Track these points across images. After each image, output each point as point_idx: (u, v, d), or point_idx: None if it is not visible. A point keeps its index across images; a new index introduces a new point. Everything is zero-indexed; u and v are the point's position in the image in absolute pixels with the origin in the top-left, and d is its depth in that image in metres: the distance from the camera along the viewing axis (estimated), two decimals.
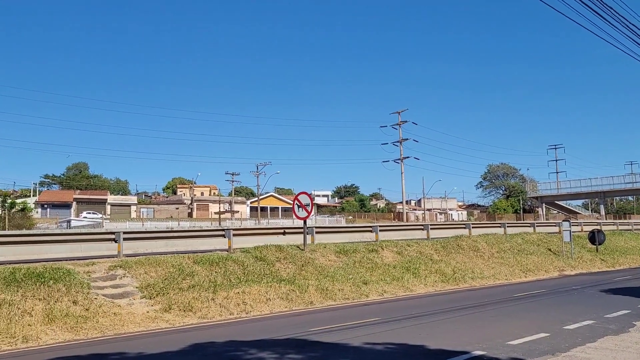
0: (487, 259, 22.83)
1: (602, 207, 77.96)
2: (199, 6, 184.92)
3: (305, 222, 18.76)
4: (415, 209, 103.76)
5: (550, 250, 27.32)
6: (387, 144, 59.16)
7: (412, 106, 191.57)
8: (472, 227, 27.78)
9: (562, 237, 27.55)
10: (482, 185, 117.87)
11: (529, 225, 33.56)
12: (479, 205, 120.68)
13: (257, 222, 65.99)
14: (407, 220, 63.02)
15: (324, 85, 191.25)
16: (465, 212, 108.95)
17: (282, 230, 20.28)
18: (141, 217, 77.09)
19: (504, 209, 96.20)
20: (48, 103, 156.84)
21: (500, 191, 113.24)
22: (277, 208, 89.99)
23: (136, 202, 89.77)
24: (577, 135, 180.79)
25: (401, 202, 68.73)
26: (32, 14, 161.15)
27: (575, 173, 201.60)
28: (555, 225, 33.92)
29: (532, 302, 14.58)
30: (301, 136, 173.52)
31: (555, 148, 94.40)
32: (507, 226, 30.30)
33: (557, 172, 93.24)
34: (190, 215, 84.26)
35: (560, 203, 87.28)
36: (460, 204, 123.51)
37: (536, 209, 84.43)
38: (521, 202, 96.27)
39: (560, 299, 15.26)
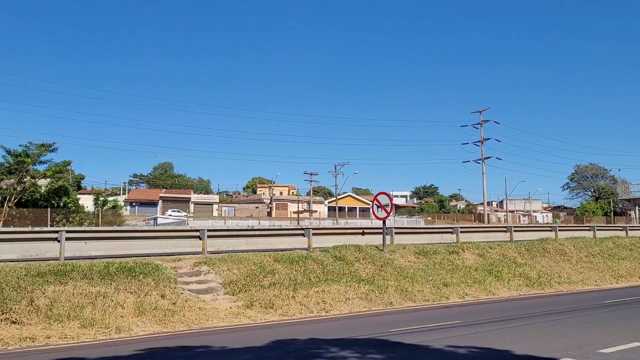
0: (574, 263, 21.82)
1: None
2: (280, 6, 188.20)
3: (384, 223, 18.65)
4: (496, 211, 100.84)
5: None
6: (467, 143, 57.86)
7: (494, 107, 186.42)
8: (559, 230, 26.61)
9: None
10: (569, 187, 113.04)
11: (621, 228, 31.74)
12: (565, 207, 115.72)
13: (335, 222, 66.31)
14: (488, 222, 61.38)
15: (404, 85, 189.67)
16: (550, 215, 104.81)
17: (360, 231, 20.24)
18: (222, 215, 79.39)
19: (593, 212, 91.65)
20: (136, 105, 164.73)
21: (589, 193, 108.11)
22: (355, 208, 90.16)
23: (218, 200, 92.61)
24: None
25: (482, 203, 66.97)
26: (116, 14, 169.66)
27: None
28: None
29: (624, 309, 13.80)
30: (380, 136, 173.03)
31: None
32: (597, 229, 28.81)
33: None
34: (269, 214, 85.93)
35: None
36: (545, 205, 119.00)
37: (628, 211, 79.70)
38: (612, 205, 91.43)
39: None
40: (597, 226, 30.18)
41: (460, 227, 23.14)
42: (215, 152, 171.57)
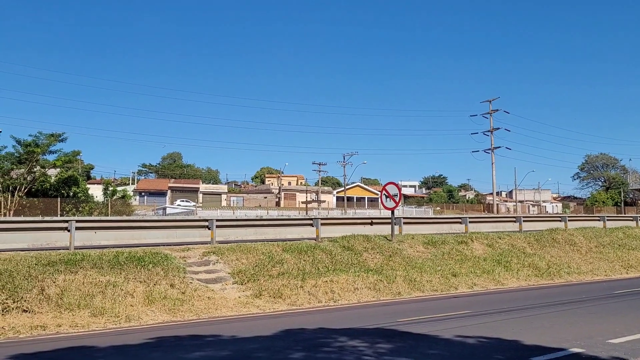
0: (584, 253, 21.72)
1: None
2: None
3: (392, 213, 18.62)
4: (506, 201, 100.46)
5: None
6: (477, 133, 57.48)
7: (503, 96, 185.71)
8: (569, 220, 26.48)
9: None
10: (579, 177, 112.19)
11: (632, 218, 31.53)
12: (575, 198, 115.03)
13: (343, 212, 66.29)
14: (497, 212, 61.11)
15: (413, 75, 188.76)
16: (560, 205, 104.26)
17: (369, 221, 20.22)
18: (231, 205, 79.59)
19: (603, 202, 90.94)
20: (144, 95, 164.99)
21: (599, 183, 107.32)
22: (363, 198, 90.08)
23: (226, 190, 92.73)
24: None
25: (491, 194, 66.70)
26: (124, 4, 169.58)
27: None
28: None
29: (634, 299, 13.74)
30: (388, 126, 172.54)
31: None
32: (607, 219, 28.63)
33: None
34: (277, 204, 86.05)
35: None
36: (554, 195, 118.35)
37: (639, 201, 79.31)
38: (622, 195, 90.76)
39: None
40: (607, 216, 29.98)
41: (469, 217, 23.08)
42: (224, 142, 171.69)
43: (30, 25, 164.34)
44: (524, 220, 24.79)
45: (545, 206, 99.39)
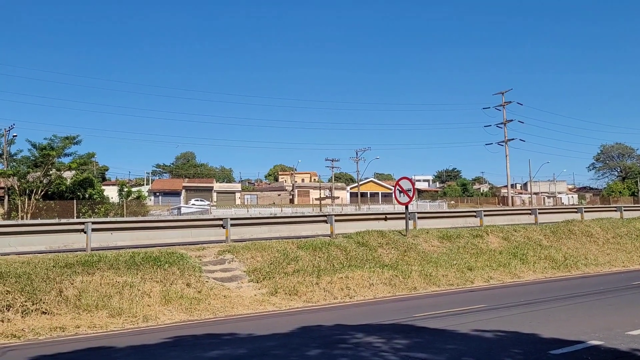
0: (601, 244, 21.51)
1: None
2: None
3: (407, 208, 18.57)
4: (521, 193, 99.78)
5: None
6: (490, 126, 57.05)
7: (516, 88, 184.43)
8: (585, 211, 26.23)
9: None
10: (595, 167, 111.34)
11: None
12: (591, 188, 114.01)
13: (357, 207, 66.24)
14: (512, 205, 60.75)
15: (424, 68, 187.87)
16: (576, 196, 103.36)
17: (383, 216, 20.19)
18: (245, 203, 79.86)
19: (620, 192, 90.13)
20: (156, 96, 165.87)
21: (615, 173, 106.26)
22: (377, 193, 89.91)
23: (240, 189, 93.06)
24: None
25: (506, 186, 66.19)
26: (137, 5, 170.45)
27: None
28: None
29: None
30: (401, 121, 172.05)
31: None
32: (624, 210, 28.31)
33: None
34: (291, 201, 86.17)
35: None
36: (570, 187, 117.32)
37: None
38: (639, 184, 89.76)
39: None
40: (624, 207, 29.68)
41: (484, 211, 22.95)
42: (237, 141, 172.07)
43: (42, 26, 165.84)
44: (539, 213, 24.60)
45: (560, 197, 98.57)
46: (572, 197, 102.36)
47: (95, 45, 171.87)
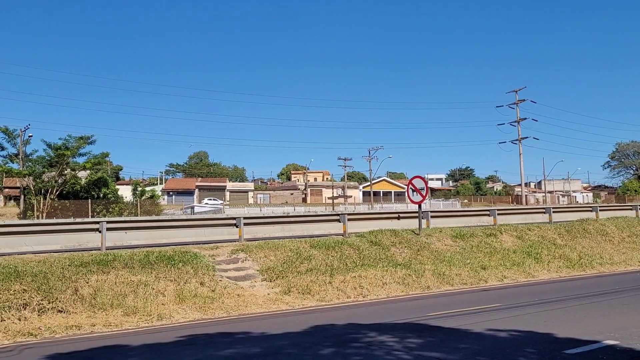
0: (617, 243, 21.32)
1: None
2: None
3: (420, 207, 18.50)
4: (534, 192, 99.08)
5: None
6: (503, 124, 56.81)
7: (530, 85, 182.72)
8: (600, 210, 26.00)
9: None
10: (610, 165, 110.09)
11: None
12: (606, 187, 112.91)
13: (370, 206, 66.17)
14: (526, 203, 60.40)
15: (437, 67, 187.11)
16: (590, 194, 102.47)
17: (396, 215, 20.14)
18: (258, 202, 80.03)
19: (635, 190, 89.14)
20: (169, 95, 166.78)
21: (631, 171, 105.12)
22: (390, 192, 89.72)
23: (253, 188, 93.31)
24: None
25: (519, 185, 65.83)
26: (148, 5, 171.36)
27: None
28: None
29: None
30: (413, 119, 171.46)
31: None
32: None
33: None
34: (304, 200, 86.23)
35: None
36: (585, 185, 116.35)
37: None
38: None
39: None
40: (639, 205, 29.36)
41: (497, 209, 22.83)
42: (250, 140, 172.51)
43: (57, 28, 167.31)
44: (553, 211, 24.42)
45: (575, 196, 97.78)
46: (587, 195, 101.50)
47: (110, 45, 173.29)
